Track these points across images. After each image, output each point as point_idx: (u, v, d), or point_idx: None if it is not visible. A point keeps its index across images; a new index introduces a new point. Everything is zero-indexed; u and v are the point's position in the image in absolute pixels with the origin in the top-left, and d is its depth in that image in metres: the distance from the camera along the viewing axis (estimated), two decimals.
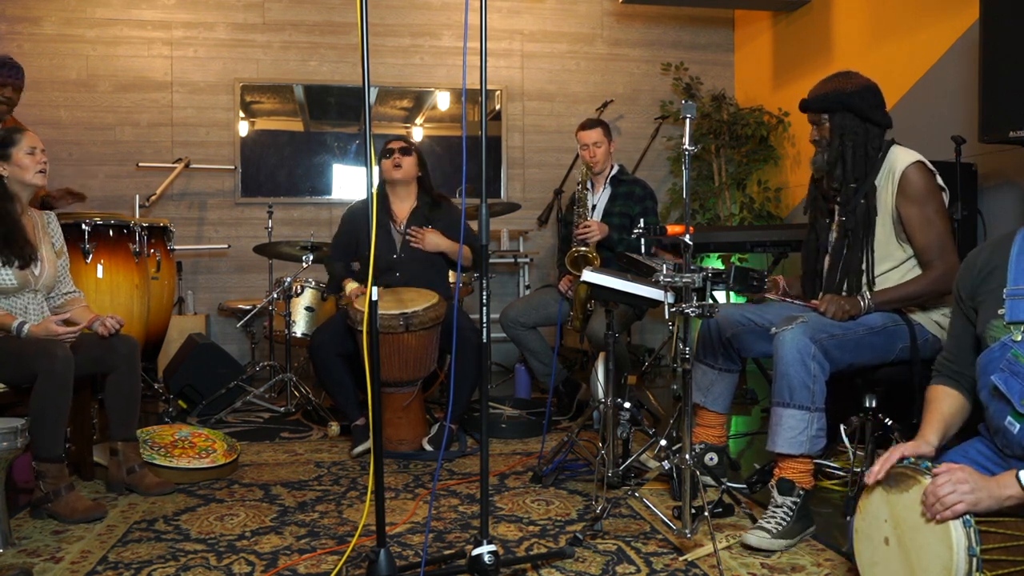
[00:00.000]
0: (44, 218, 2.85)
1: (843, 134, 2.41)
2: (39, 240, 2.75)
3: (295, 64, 5.46)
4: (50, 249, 2.79)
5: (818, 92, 2.47)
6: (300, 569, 2.07)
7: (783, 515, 2.19)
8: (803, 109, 2.51)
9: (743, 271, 2.17)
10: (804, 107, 2.51)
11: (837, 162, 2.42)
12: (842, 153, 2.41)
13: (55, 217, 2.91)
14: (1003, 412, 1.66)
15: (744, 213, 5.43)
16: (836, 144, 2.42)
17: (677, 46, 5.93)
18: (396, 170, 3.52)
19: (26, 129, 2.82)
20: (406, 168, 3.53)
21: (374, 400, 1.79)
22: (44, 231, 2.81)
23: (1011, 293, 1.68)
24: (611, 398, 2.60)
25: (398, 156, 3.52)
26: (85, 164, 5.21)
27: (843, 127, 2.41)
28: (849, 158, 2.40)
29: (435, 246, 3.51)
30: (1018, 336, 1.64)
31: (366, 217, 3.24)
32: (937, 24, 4.03)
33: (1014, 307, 1.66)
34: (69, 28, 5.18)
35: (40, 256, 2.72)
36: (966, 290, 1.82)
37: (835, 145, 2.43)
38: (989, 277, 1.75)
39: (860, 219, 2.40)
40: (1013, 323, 1.66)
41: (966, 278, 1.82)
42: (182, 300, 5.06)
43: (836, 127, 2.42)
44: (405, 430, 3.27)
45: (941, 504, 1.50)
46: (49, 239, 2.82)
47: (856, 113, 2.40)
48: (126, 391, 2.72)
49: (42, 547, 2.23)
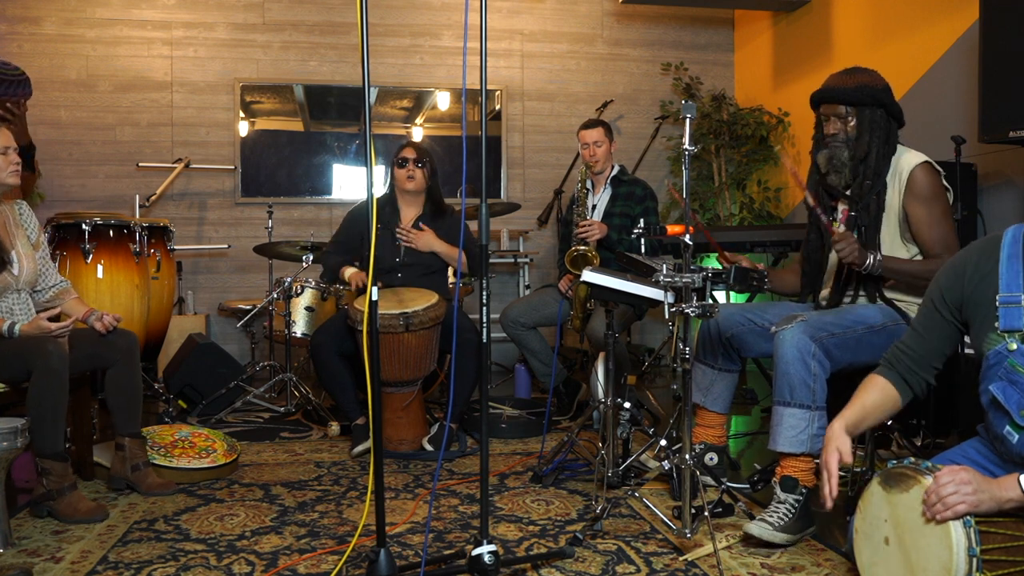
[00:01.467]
0: (15, 210, 2.71)
1: (872, 130, 2.38)
2: (13, 237, 2.64)
3: (295, 64, 5.46)
4: (26, 243, 2.68)
5: (844, 85, 2.41)
6: (300, 569, 2.07)
7: (786, 511, 2.19)
8: (826, 100, 2.44)
9: (743, 271, 2.17)
10: (828, 98, 2.43)
11: (864, 158, 2.39)
12: (869, 149, 2.39)
13: (27, 206, 2.76)
14: (1002, 422, 1.65)
15: (744, 213, 5.43)
16: (865, 139, 2.39)
17: (677, 46, 5.93)
18: (409, 181, 3.54)
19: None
20: (419, 180, 3.55)
21: (374, 400, 1.79)
22: (17, 225, 2.68)
23: (1004, 300, 1.65)
24: (611, 398, 2.60)
25: (412, 167, 3.53)
26: (85, 164, 5.22)
27: (873, 122, 2.38)
28: (874, 155, 2.39)
29: (428, 246, 3.52)
30: (1013, 345, 1.62)
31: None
32: (937, 24, 4.03)
33: (1007, 315, 1.64)
34: (69, 28, 5.18)
35: (17, 254, 2.62)
36: (952, 296, 1.77)
37: (864, 140, 2.39)
38: (980, 285, 1.71)
39: (873, 215, 2.40)
40: (1007, 331, 1.64)
41: (953, 284, 1.77)
42: (182, 300, 5.07)
43: (866, 122, 2.39)
44: (405, 430, 3.27)
45: (943, 504, 1.49)
46: (24, 233, 2.69)
47: (886, 109, 2.39)
48: (126, 386, 2.70)
49: (42, 547, 2.23)
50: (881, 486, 1.66)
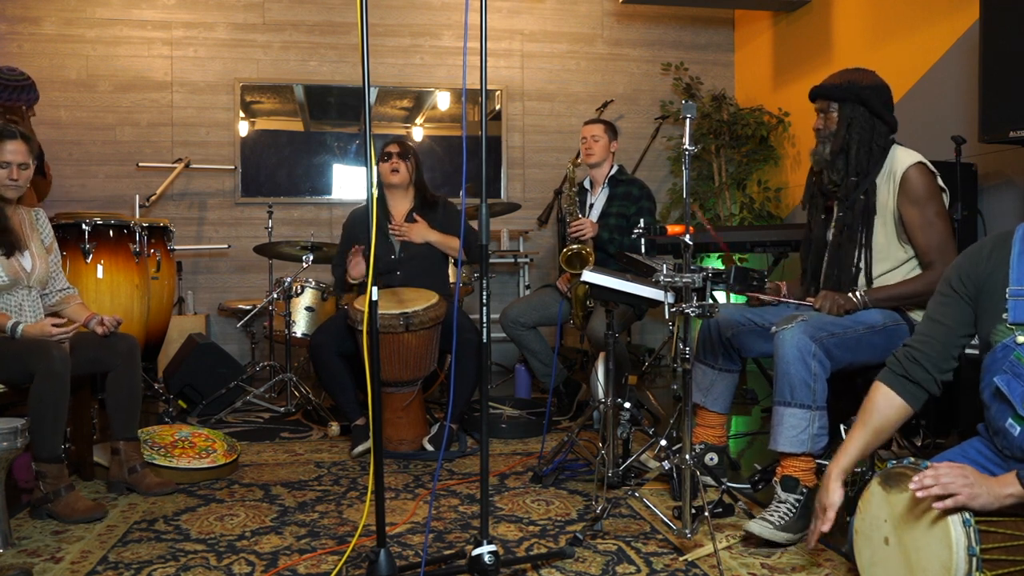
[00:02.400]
0: (32, 215, 2.82)
1: (850, 125, 2.40)
2: (28, 236, 2.73)
3: (295, 64, 5.46)
4: (40, 246, 2.77)
5: (831, 81, 2.46)
6: (300, 569, 2.07)
7: (786, 510, 2.19)
8: (813, 96, 2.50)
9: (743, 271, 2.17)
10: (815, 94, 2.49)
11: (840, 153, 2.41)
12: (846, 144, 2.40)
13: (44, 214, 2.88)
14: (1004, 414, 1.65)
15: (744, 213, 5.43)
16: (842, 134, 2.41)
17: (677, 46, 5.93)
18: (393, 174, 3.55)
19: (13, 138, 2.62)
20: (403, 172, 3.55)
21: (374, 400, 1.79)
22: (33, 228, 2.78)
23: (1014, 293, 1.66)
24: (611, 398, 2.60)
25: (395, 160, 3.55)
26: (85, 164, 5.22)
27: (851, 118, 2.40)
28: (853, 151, 2.40)
29: (422, 237, 3.53)
30: (1021, 338, 1.62)
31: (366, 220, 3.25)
32: (937, 24, 4.03)
33: (1017, 308, 1.64)
34: (69, 28, 5.18)
35: (30, 252, 2.70)
36: (970, 279, 1.76)
37: (840, 134, 2.41)
38: (994, 273, 1.71)
39: (858, 215, 2.40)
40: (1016, 324, 1.64)
41: (972, 268, 1.76)
42: (182, 300, 5.06)
43: (844, 117, 2.41)
44: (405, 430, 3.27)
45: (941, 487, 1.47)
46: (38, 236, 2.80)
47: (867, 107, 2.40)
48: (126, 390, 2.72)
49: (42, 547, 2.23)
50: (881, 486, 1.66)
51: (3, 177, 2.61)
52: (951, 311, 1.80)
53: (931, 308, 1.87)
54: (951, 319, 1.80)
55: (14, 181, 2.62)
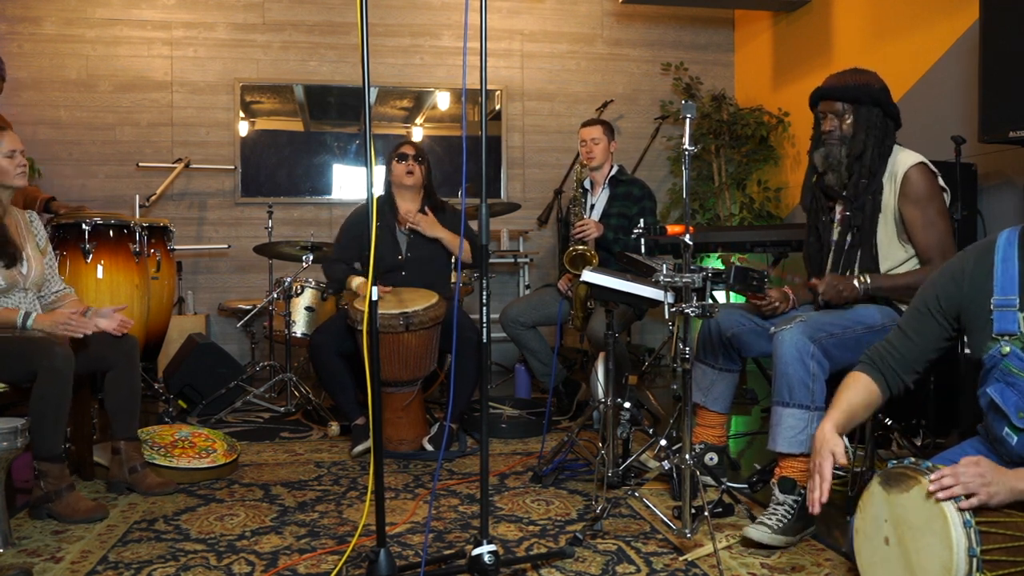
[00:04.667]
0: (26, 217, 2.83)
1: (868, 128, 2.40)
2: (23, 240, 2.74)
3: (295, 64, 5.46)
4: (35, 248, 2.78)
5: (844, 83, 2.43)
6: (300, 569, 2.07)
7: (784, 512, 2.19)
8: (825, 97, 2.46)
9: (743, 271, 2.17)
10: (828, 95, 2.45)
11: (860, 156, 2.40)
12: (864, 148, 2.40)
13: (36, 216, 2.90)
14: (1000, 424, 1.66)
15: (744, 213, 5.43)
16: (860, 137, 2.40)
17: (677, 46, 5.93)
18: (408, 176, 3.57)
19: (6, 129, 2.79)
20: (417, 175, 3.59)
21: (374, 400, 1.79)
22: (28, 230, 2.79)
23: (997, 304, 1.66)
24: (611, 398, 2.60)
25: (412, 163, 3.57)
26: (85, 164, 5.22)
27: (869, 121, 2.40)
28: (869, 153, 2.40)
29: (433, 230, 3.55)
30: (1006, 348, 1.63)
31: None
32: (937, 24, 4.03)
33: (1001, 318, 1.65)
34: (69, 28, 5.18)
35: (26, 255, 2.71)
36: (949, 302, 1.78)
37: (859, 138, 2.40)
38: (977, 291, 1.71)
39: (868, 216, 2.40)
40: (1000, 334, 1.65)
41: (952, 291, 1.77)
42: (182, 300, 5.07)
43: (863, 120, 2.40)
44: (405, 430, 3.27)
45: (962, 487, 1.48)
46: (33, 238, 2.80)
47: (883, 109, 2.40)
48: (126, 389, 2.72)
49: (42, 547, 2.23)
50: (881, 486, 1.66)
51: (14, 166, 2.66)
52: (924, 328, 1.84)
53: (905, 318, 1.90)
54: (921, 336, 1.84)
55: (22, 167, 2.69)
